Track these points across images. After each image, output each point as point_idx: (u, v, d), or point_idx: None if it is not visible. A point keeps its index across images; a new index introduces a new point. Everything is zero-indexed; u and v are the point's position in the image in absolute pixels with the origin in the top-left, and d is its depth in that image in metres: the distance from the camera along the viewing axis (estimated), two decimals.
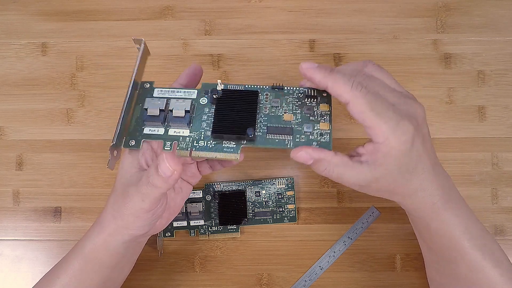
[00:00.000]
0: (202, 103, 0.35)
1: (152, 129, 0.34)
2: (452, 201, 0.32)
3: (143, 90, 0.35)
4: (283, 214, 0.43)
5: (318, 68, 0.31)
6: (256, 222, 0.43)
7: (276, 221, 0.43)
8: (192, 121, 0.34)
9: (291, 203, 0.43)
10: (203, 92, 0.35)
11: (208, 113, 0.34)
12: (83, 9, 0.46)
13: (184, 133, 0.34)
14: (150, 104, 0.34)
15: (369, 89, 0.29)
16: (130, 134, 0.34)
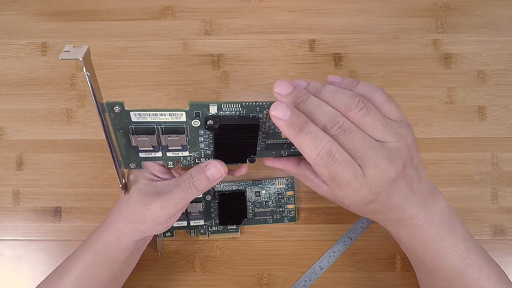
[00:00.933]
0: (195, 125, 0.31)
1: (148, 153, 0.32)
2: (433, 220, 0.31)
3: (115, 115, 0.29)
4: (283, 214, 0.43)
5: (287, 124, 0.28)
6: (256, 222, 0.43)
7: (276, 221, 0.43)
8: (189, 143, 0.32)
9: (291, 203, 0.43)
10: (192, 113, 0.30)
11: (204, 135, 0.32)
12: (83, 9, 0.46)
13: (183, 154, 0.33)
14: (139, 142, 0.31)
15: (334, 158, 0.27)
16: (125, 158, 0.32)
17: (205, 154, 0.33)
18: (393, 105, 0.31)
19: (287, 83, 0.29)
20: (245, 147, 0.33)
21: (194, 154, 0.33)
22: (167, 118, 0.30)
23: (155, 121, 0.30)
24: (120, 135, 0.31)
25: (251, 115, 0.31)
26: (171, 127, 0.31)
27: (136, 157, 0.32)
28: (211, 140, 0.32)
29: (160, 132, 0.31)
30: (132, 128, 0.30)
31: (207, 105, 0.30)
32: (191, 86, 0.45)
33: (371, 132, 0.29)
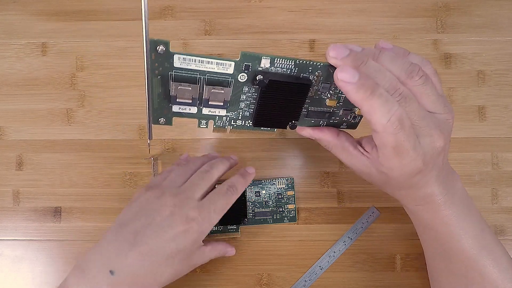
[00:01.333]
0: (241, 80, 0.29)
1: (182, 107, 0.30)
2: (454, 200, 0.32)
3: (157, 55, 0.27)
4: (283, 214, 0.43)
5: (357, 86, 0.26)
6: (256, 222, 0.43)
7: (276, 221, 0.43)
8: (229, 101, 0.30)
9: (291, 203, 0.43)
10: (241, 65, 0.28)
11: (248, 93, 0.30)
12: (83, 9, 0.46)
13: (220, 113, 0.31)
14: (179, 92, 0.28)
15: (403, 125, 0.26)
16: (156, 111, 0.30)
17: (243, 115, 0.31)
18: (439, 80, 0.31)
19: (343, 46, 0.27)
20: (289, 111, 0.31)
21: (231, 114, 0.31)
22: (213, 68, 0.27)
23: (199, 70, 0.27)
24: (157, 82, 0.28)
25: (302, 75, 0.29)
26: (215, 79, 0.28)
27: (168, 111, 0.30)
28: (253, 99, 0.30)
29: (204, 83, 0.28)
30: (172, 75, 0.27)
31: (260, 57, 0.28)
32: None
33: (424, 102, 0.28)
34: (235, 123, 0.32)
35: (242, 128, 0.33)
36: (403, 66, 0.28)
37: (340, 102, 0.32)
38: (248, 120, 0.32)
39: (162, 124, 0.30)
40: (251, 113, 0.32)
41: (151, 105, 0.29)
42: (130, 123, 0.44)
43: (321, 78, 0.30)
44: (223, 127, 0.32)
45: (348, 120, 0.34)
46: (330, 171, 0.44)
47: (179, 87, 0.28)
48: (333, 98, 0.32)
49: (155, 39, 0.26)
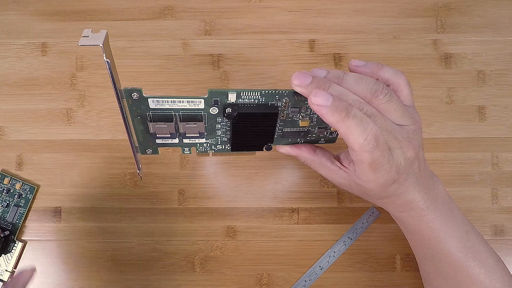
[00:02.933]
0: (213, 113, 0.30)
1: (165, 139, 0.32)
2: (437, 204, 0.32)
3: (133, 101, 0.29)
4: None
5: (332, 109, 0.27)
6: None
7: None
8: (206, 130, 0.32)
9: None
10: (210, 100, 0.30)
11: (222, 122, 0.32)
12: (83, 9, 0.46)
13: (200, 141, 0.33)
14: (157, 129, 0.31)
15: (378, 142, 0.27)
16: (142, 144, 0.32)
17: (222, 141, 0.33)
18: (411, 91, 0.32)
19: (305, 74, 0.28)
20: (262, 135, 0.33)
21: (210, 141, 0.33)
22: (185, 105, 0.30)
23: (173, 108, 0.30)
24: (138, 121, 0.30)
25: (270, 103, 0.31)
26: (189, 114, 0.30)
27: (153, 143, 0.32)
28: (228, 127, 0.32)
29: (178, 119, 0.30)
30: (150, 115, 0.30)
31: (226, 92, 0.29)
32: (191, 86, 0.45)
33: (392, 117, 0.30)
34: (216, 148, 0.34)
35: (223, 151, 0.35)
36: (367, 86, 0.29)
37: (313, 121, 0.33)
38: (226, 144, 0.34)
39: (149, 154, 0.33)
40: (228, 138, 0.33)
41: (137, 139, 0.32)
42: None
43: (290, 103, 0.31)
44: (206, 152, 0.34)
45: (326, 135, 0.35)
46: None
47: (156, 125, 0.30)
48: (305, 119, 0.33)
49: (129, 88, 0.28)
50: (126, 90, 0.28)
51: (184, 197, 0.44)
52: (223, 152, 0.35)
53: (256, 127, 0.32)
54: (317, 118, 0.33)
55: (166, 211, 0.44)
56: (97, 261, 0.43)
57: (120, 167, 0.44)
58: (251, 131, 0.32)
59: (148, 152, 0.33)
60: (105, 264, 0.43)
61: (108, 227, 0.43)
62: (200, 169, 0.44)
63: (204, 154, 0.35)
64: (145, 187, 0.44)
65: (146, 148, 0.33)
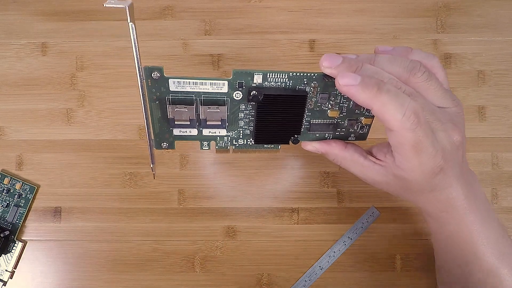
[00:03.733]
0: (237, 98, 0.29)
1: (183, 130, 0.30)
2: (477, 203, 0.30)
3: (153, 81, 0.28)
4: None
5: (362, 87, 0.24)
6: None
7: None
8: (228, 120, 0.30)
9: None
10: (235, 83, 0.28)
11: (245, 111, 0.30)
12: (83, 9, 0.46)
13: (221, 133, 0.31)
14: (176, 114, 0.29)
15: (419, 119, 0.25)
16: (158, 136, 0.30)
17: (244, 134, 0.31)
18: (445, 74, 0.29)
19: (335, 55, 0.26)
20: (289, 125, 0.30)
21: (231, 134, 0.31)
22: (207, 88, 0.28)
23: (194, 91, 0.28)
24: (156, 106, 0.28)
25: (298, 88, 0.29)
26: (211, 99, 0.29)
27: (170, 135, 0.30)
28: (252, 116, 0.30)
29: (199, 104, 0.29)
30: (169, 99, 0.28)
31: (252, 73, 0.28)
32: None
33: (431, 97, 0.27)
34: (237, 143, 0.32)
35: (244, 147, 0.32)
36: (403, 64, 0.27)
37: (343, 112, 0.31)
38: (249, 138, 0.32)
39: (165, 148, 0.31)
40: (251, 131, 0.31)
41: (153, 130, 0.29)
42: (130, 123, 0.45)
43: (318, 89, 0.29)
44: (225, 147, 0.32)
45: (356, 130, 0.33)
46: (330, 171, 0.44)
47: (176, 109, 0.28)
48: (334, 109, 0.31)
49: (150, 66, 0.27)
50: (147, 69, 0.27)
51: (184, 197, 0.44)
52: (245, 148, 0.32)
53: (282, 113, 0.29)
54: (347, 108, 0.31)
55: (166, 211, 0.44)
56: (97, 261, 0.43)
57: (120, 167, 0.44)
58: (277, 119, 0.30)
59: (164, 146, 0.31)
60: (105, 264, 0.43)
61: (108, 227, 0.43)
62: (200, 169, 0.44)
63: (224, 151, 0.32)
64: (145, 187, 0.44)
65: (161, 141, 0.30)
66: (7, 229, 0.42)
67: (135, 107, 0.45)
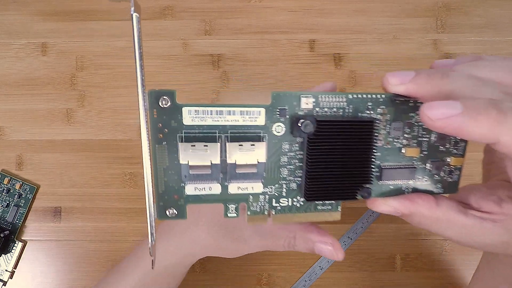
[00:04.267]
0: (278, 133, 0.21)
1: (200, 187, 0.21)
2: None
3: (160, 111, 0.20)
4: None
5: (470, 111, 0.16)
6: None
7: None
8: (266, 169, 0.22)
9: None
10: (275, 110, 0.21)
11: (290, 152, 0.22)
12: (83, 9, 0.46)
13: (255, 189, 0.22)
14: (192, 157, 0.20)
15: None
16: (162, 198, 0.21)
17: (289, 189, 0.22)
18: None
19: (401, 71, 0.20)
20: (352, 170, 0.21)
21: (270, 190, 0.22)
22: (236, 120, 0.20)
23: (218, 125, 0.20)
24: (162, 150, 0.20)
25: (360, 115, 0.22)
26: (241, 136, 0.21)
27: (180, 196, 0.21)
28: (299, 160, 0.22)
29: (226, 140, 0.21)
30: (182, 137, 0.20)
31: (298, 96, 0.21)
32: (191, 86, 0.45)
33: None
34: (279, 204, 0.22)
35: (290, 210, 0.23)
36: (503, 66, 0.19)
37: (423, 151, 0.23)
38: (296, 195, 0.22)
39: (171, 218, 0.21)
40: (298, 183, 0.22)
41: (155, 189, 0.21)
42: (130, 123, 0.45)
43: (388, 116, 0.22)
44: (262, 212, 0.22)
45: (442, 177, 0.23)
46: None
47: (192, 150, 0.20)
48: (412, 145, 0.22)
49: (157, 90, 0.20)
50: (153, 94, 0.20)
51: None
52: (291, 213, 0.23)
53: (344, 150, 0.21)
54: (428, 145, 0.23)
55: None
56: (97, 261, 0.43)
57: (120, 167, 0.44)
58: (336, 161, 0.21)
59: (170, 214, 0.21)
60: (105, 264, 0.43)
61: (108, 227, 0.43)
62: None
63: (260, 218, 0.22)
64: None
65: (167, 206, 0.21)
66: (7, 229, 0.42)
67: (135, 107, 0.45)
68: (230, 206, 0.22)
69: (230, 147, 0.20)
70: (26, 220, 0.43)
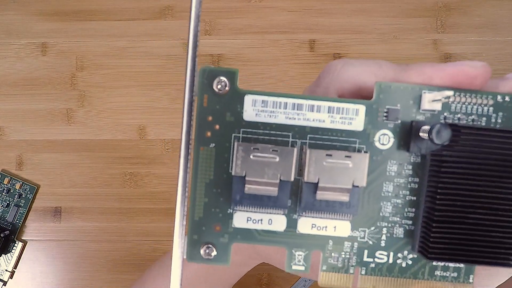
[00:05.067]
0: (382, 145, 0.15)
1: (255, 217, 0.15)
2: None
3: (212, 98, 0.15)
4: None
5: None
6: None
7: None
8: (361, 197, 0.15)
9: None
10: (381, 111, 0.15)
11: (399, 178, 0.15)
12: (83, 9, 0.46)
13: (338, 231, 0.15)
14: (253, 167, 0.14)
15: None
16: (198, 229, 0.15)
17: (392, 236, 0.15)
18: None
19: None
20: (506, 214, 0.14)
21: (362, 235, 0.15)
22: (321, 119, 0.15)
23: (293, 125, 0.15)
24: (207, 155, 0.15)
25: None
26: (325, 144, 0.15)
27: (224, 227, 0.15)
28: (411, 191, 0.15)
29: (305, 148, 0.14)
30: (239, 138, 0.15)
31: (419, 91, 0.15)
32: None
33: None
34: (374, 259, 0.15)
35: (390, 272, 0.15)
36: None
37: None
38: (403, 247, 0.15)
39: (206, 261, 0.15)
40: (408, 228, 0.15)
41: (189, 213, 0.15)
42: (130, 123, 0.45)
43: None
44: (345, 269, 0.15)
45: None
46: None
47: (252, 155, 0.14)
48: None
49: (212, 66, 0.15)
50: (206, 71, 0.15)
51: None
52: (391, 277, 0.15)
53: (500, 185, 0.13)
54: None
55: (166, 211, 0.44)
56: (97, 261, 0.43)
57: (120, 167, 0.44)
58: (485, 198, 0.14)
59: (206, 254, 0.15)
60: (105, 264, 0.43)
61: (108, 227, 0.43)
62: None
63: (340, 278, 0.15)
64: (145, 187, 0.44)
65: (202, 241, 0.15)
66: (7, 229, 0.42)
67: (135, 107, 0.45)
68: (297, 253, 0.15)
69: (313, 157, 0.14)
70: (26, 220, 0.43)
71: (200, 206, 0.15)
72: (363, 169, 0.14)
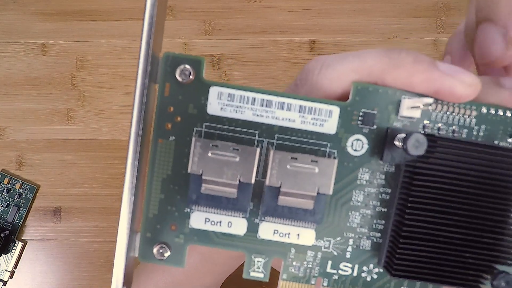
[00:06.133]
0: (354, 151, 0.14)
1: (214, 219, 0.14)
2: None
3: (175, 88, 0.14)
4: None
5: None
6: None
7: None
8: (328, 205, 0.14)
9: None
10: (356, 114, 0.14)
11: (370, 187, 0.14)
12: (83, 9, 0.46)
13: (302, 238, 0.14)
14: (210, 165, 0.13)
15: None
16: (152, 227, 0.14)
17: (358, 248, 0.14)
18: None
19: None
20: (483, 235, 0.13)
21: (327, 245, 0.14)
22: (291, 119, 0.14)
23: (260, 123, 0.14)
24: (166, 148, 0.14)
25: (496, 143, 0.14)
26: (292, 145, 0.14)
27: (180, 226, 0.14)
28: (382, 202, 0.14)
29: (269, 148, 0.14)
30: (202, 133, 0.14)
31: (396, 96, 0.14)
32: None
33: None
34: (337, 270, 0.14)
35: (353, 285, 0.15)
36: None
37: None
38: (369, 261, 0.14)
39: (160, 261, 0.14)
40: (376, 241, 0.14)
41: (143, 210, 0.14)
42: (130, 123, 0.44)
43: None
44: (307, 279, 0.14)
45: None
46: None
47: (211, 153, 0.13)
48: None
49: (176, 53, 0.14)
50: (169, 57, 0.14)
51: None
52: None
53: (474, 202, 0.13)
54: None
55: None
56: (97, 261, 0.43)
57: (120, 167, 0.44)
58: (457, 216, 0.13)
59: (159, 255, 0.14)
60: (105, 264, 0.43)
61: (108, 227, 0.43)
62: None
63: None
64: None
65: (156, 240, 0.14)
66: (7, 229, 0.42)
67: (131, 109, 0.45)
68: (257, 259, 0.14)
69: (276, 159, 0.13)
70: (26, 220, 0.43)
71: (155, 203, 0.14)
72: (329, 176, 0.13)
